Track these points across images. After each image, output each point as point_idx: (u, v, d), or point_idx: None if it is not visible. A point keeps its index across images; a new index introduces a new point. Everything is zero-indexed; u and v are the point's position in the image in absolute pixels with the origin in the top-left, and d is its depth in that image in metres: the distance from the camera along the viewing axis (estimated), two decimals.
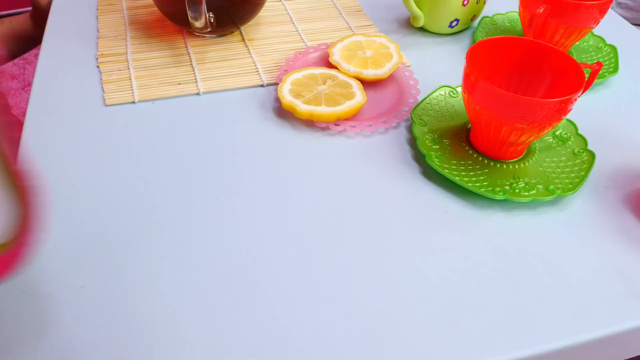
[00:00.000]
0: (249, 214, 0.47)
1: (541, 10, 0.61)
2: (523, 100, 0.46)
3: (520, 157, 0.53)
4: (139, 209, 0.47)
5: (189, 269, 0.43)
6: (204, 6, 0.57)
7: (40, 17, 0.82)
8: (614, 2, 1.23)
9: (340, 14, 0.75)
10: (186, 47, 0.67)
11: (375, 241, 0.46)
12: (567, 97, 0.46)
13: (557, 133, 0.55)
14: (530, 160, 0.52)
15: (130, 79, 0.61)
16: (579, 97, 0.47)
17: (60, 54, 0.65)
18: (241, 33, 0.70)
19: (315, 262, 0.44)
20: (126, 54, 0.65)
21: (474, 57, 0.50)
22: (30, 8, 0.84)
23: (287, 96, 0.56)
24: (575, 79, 0.49)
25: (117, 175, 0.50)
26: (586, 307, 0.42)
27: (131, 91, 0.60)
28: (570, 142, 0.55)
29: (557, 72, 0.51)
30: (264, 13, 0.74)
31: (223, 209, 0.47)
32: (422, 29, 0.73)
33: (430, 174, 0.52)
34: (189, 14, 0.59)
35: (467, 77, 0.49)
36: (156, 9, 0.71)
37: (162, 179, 0.50)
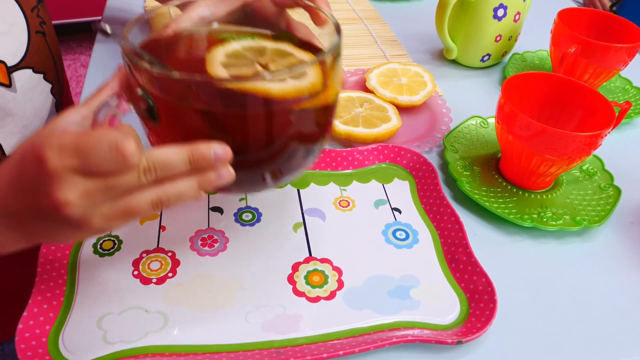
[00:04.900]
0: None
1: (572, 50, 0.64)
2: (555, 132, 0.48)
3: (548, 188, 0.55)
4: None
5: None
6: None
7: None
8: None
9: (376, 42, 0.78)
10: None
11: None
12: (598, 132, 0.48)
13: (585, 167, 0.57)
14: (558, 192, 0.54)
15: None
16: (608, 132, 0.49)
17: (109, 63, 0.69)
18: None
19: None
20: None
21: (509, 89, 0.52)
22: None
23: None
24: (605, 115, 0.51)
25: None
26: (610, 336, 0.43)
27: None
28: (596, 177, 0.56)
29: (588, 108, 0.54)
30: None
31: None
32: (455, 62, 0.76)
33: (461, 199, 0.54)
34: None
35: (501, 107, 0.52)
36: None
37: None
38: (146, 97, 0.34)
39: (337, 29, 0.38)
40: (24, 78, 0.56)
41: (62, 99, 0.66)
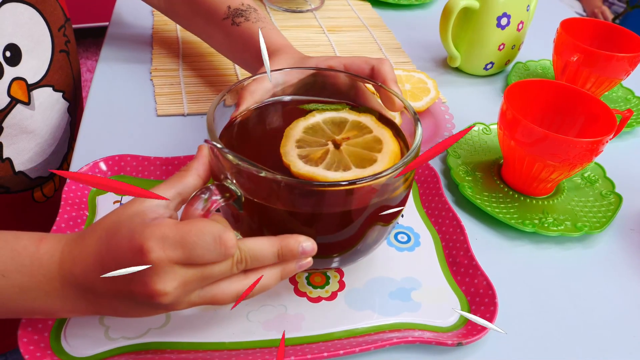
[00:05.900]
0: None
1: (575, 59, 0.64)
2: (557, 138, 0.48)
3: (550, 194, 0.55)
4: None
5: None
6: None
7: None
8: None
9: (381, 49, 0.79)
10: (234, 67, 0.71)
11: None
12: (599, 138, 0.48)
13: (586, 175, 0.58)
14: (559, 198, 0.55)
15: (181, 93, 0.65)
16: (610, 139, 0.49)
17: (116, 66, 0.69)
18: None
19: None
20: (178, 70, 0.69)
21: (511, 95, 0.53)
22: None
23: None
24: (606, 123, 0.51)
25: None
26: (611, 341, 0.43)
27: (182, 104, 0.63)
28: (598, 184, 0.57)
29: (590, 116, 0.54)
30: (307, 42, 0.78)
31: None
32: (458, 69, 0.76)
33: (462, 204, 0.54)
34: None
35: (504, 114, 0.52)
36: None
37: None
38: (234, 188, 0.36)
39: (416, 120, 0.40)
40: (43, 96, 0.57)
41: (77, 116, 0.67)
